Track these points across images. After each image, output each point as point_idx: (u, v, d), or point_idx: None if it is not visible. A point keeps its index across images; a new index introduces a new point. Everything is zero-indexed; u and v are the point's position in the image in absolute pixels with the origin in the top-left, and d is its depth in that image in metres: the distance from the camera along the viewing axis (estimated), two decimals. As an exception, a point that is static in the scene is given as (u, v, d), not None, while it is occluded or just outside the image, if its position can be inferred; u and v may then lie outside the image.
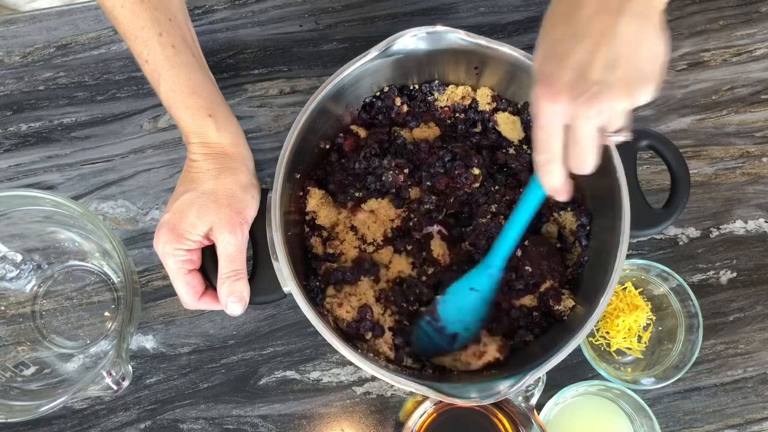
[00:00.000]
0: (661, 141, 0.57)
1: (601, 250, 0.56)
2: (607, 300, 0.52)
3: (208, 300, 0.54)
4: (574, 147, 0.43)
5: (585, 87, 0.40)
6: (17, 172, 0.71)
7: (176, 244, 0.51)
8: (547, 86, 0.41)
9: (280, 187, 0.54)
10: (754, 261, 0.70)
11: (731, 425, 0.66)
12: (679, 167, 0.56)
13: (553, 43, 0.42)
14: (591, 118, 0.41)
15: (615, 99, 0.40)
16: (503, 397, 0.49)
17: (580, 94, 0.40)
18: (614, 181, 0.54)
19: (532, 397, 0.60)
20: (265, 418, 0.66)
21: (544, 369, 0.50)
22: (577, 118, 0.41)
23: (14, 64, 0.74)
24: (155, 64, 0.53)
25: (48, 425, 0.65)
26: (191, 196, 0.52)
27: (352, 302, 0.57)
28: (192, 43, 0.56)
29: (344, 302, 0.57)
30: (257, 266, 0.54)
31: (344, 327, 0.57)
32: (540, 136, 0.43)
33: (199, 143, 0.54)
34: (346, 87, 0.58)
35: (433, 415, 0.60)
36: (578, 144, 0.42)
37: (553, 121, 0.42)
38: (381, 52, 0.54)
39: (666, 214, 0.56)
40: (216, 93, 0.56)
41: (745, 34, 0.75)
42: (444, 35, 0.55)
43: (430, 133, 0.64)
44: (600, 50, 0.39)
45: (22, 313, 0.67)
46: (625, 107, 0.41)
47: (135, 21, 0.53)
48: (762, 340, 0.68)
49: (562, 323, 0.57)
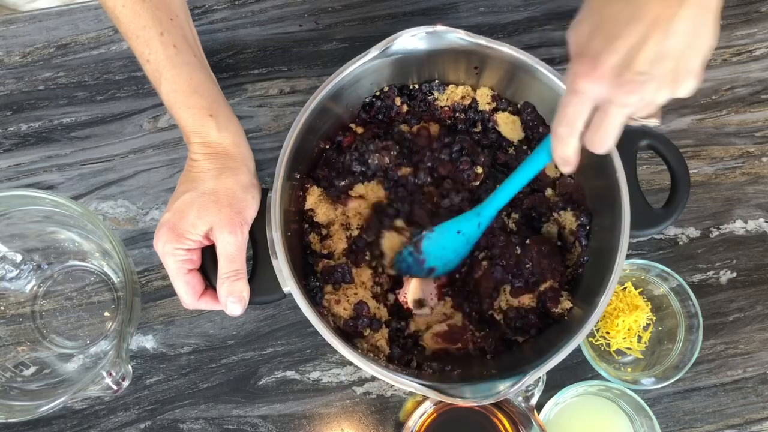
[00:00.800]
0: (661, 141, 0.57)
1: (601, 250, 0.56)
2: (606, 300, 0.52)
3: (208, 300, 0.54)
4: (598, 128, 0.41)
5: (630, 75, 0.38)
6: (17, 172, 0.71)
7: (176, 244, 0.51)
8: (591, 65, 0.39)
9: (280, 186, 0.54)
10: (754, 261, 0.70)
11: (731, 425, 0.66)
12: (679, 167, 0.56)
13: (606, 19, 0.39)
14: (627, 106, 0.40)
15: (657, 90, 0.39)
16: (503, 398, 0.49)
17: (623, 82, 0.38)
18: (614, 181, 0.54)
19: (532, 397, 0.60)
20: (265, 418, 0.66)
21: (544, 369, 0.50)
22: (613, 103, 0.40)
23: (14, 64, 0.73)
24: (156, 64, 0.53)
25: (48, 425, 0.65)
26: (192, 195, 0.52)
27: (349, 298, 0.58)
28: (193, 43, 0.56)
29: (341, 299, 0.58)
30: (257, 266, 0.54)
31: (341, 325, 0.57)
32: (567, 110, 0.42)
33: (200, 143, 0.54)
34: (346, 87, 0.58)
35: (433, 415, 0.60)
36: (603, 126, 0.41)
37: (586, 99, 0.40)
38: (381, 52, 0.54)
39: (666, 214, 0.56)
40: (217, 93, 0.56)
41: (745, 34, 0.75)
42: (444, 35, 0.55)
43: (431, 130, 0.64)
44: (654, 39, 0.37)
45: (22, 313, 0.67)
46: (664, 98, 0.40)
47: (136, 20, 0.53)
48: (762, 340, 0.68)
49: (561, 323, 0.58)
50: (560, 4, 0.76)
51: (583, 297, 0.57)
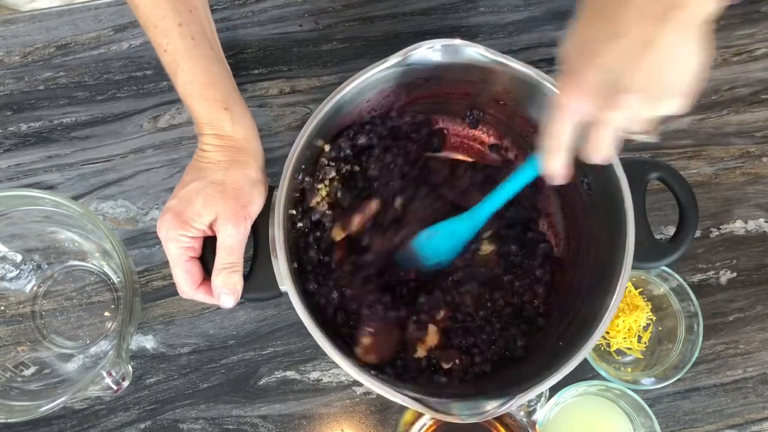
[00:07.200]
0: (670, 174, 0.55)
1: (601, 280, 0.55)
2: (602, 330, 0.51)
3: (205, 291, 0.54)
4: (591, 142, 0.42)
5: (612, 91, 0.39)
6: (17, 172, 0.71)
7: (180, 230, 0.51)
8: (575, 81, 0.40)
9: (287, 185, 0.54)
10: (754, 261, 0.70)
11: (731, 425, 0.66)
12: (687, 201, 0.55)
13: (589, 37, 0.40)
14: (611, 122, 0.40)
15: (641, 108, 0.39)
16: (490, 417, 0.48)
17: (605, 98, 0.39)
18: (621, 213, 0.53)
19: (534, 412, 0.59)
20: (265, 418, 0.66)
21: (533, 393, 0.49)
22: (598, 119, 0.40)
23: (14, 64, 0.74)
24: (174, 55, 0.54)
25: (48, 425, 0.65)
26: (199, 185, 0.52)
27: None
28: (211, 36, 0.56)
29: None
30: (256, 263, 0.54)
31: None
32: (554, 125, 0.43)
33: (212, 134, 0.54)
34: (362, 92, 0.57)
35: (433, 427, 0.60)
36: (595, 141, 0.42)
37: (572, 115, 0.41)
38: (399, 61, 0.53)
39: (673, 248, 0.54)
40: (233, 87, 0.56)
41: (745, 34, 0.75)
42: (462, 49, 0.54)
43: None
44: (635, 58, 0.38)
45: (22, 313, 0.67)
46: (649, 116, 0.40)
47: (156, 10, 0.53)
48: (762, 340, 0.68)
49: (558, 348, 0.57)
50: (560, 4, 0.76)
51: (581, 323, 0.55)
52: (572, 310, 0.58)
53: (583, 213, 0.60)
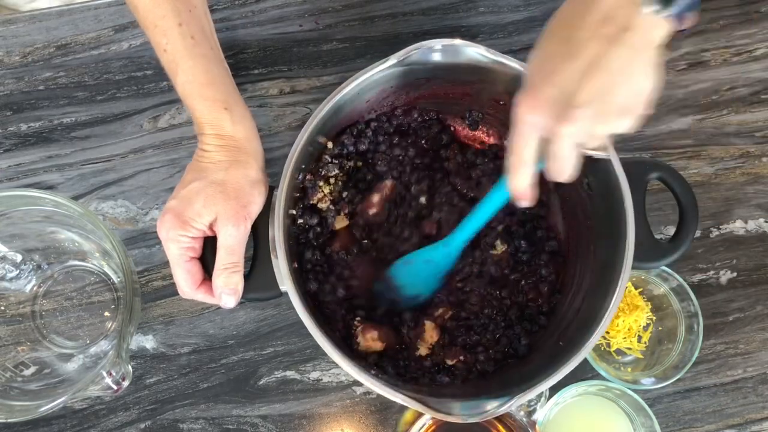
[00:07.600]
0: (670, 174, 0.56)
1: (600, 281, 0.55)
2: (602, 330, 0.51)
3: (205, 291, 0.54)
4: (550, 158, 0.44)
5: (564, 107, 0.40)
6: (17, 172, 0.71)
7: (180, 231, 0.51)
8: (531, 96, 0.42)
9: (287, 185, 0.54)
10: (754, 261, 0.70)
11: (731, 425, 0.66)
12: (687, 201, 0.55)
13: (546, 57, 0.43)
14: (567, 136, 0.42)
15: (593, 124, 0.41)
16: (490, 416, 0.48)
17: (558, 113, 0.41)
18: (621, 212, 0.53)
19: (534, 412, 0.59)
20: (265, 418, 0.66)
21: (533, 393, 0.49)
22: (554, 134, 0.42)
23: (14, 64, 0.74)
24: (174, 54, 0.54)
25: (48, 425, 0.65)
26: (200, 184, 0.52)
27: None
28: (211, 36, 0.57)
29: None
30: (257, 262, 0.54)
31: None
32: (515, 141, 0.45)
33: (213, 134, 0.54)
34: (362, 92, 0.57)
35: (433, 427, 0.60)
36: (554, 156, 0.43)
37: (530, 129, 0.43)
38: (399, 61, 0.54)
39: (672, 248, 0.54)
40: (233, 87, 0.56)
41: (745, 34, 0.75)
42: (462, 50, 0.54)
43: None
44: (586, 76, 0.40)
45: (22, 313, 0.67)
46: (602, 133, 0.42)
47: (155, 10, 0.53)
48: (762, 340, 0.68)
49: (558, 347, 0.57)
50: (560, 4, 0.75)
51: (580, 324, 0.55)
52: (572, 309, 0.58)
53: (583, 213, 0.60)
